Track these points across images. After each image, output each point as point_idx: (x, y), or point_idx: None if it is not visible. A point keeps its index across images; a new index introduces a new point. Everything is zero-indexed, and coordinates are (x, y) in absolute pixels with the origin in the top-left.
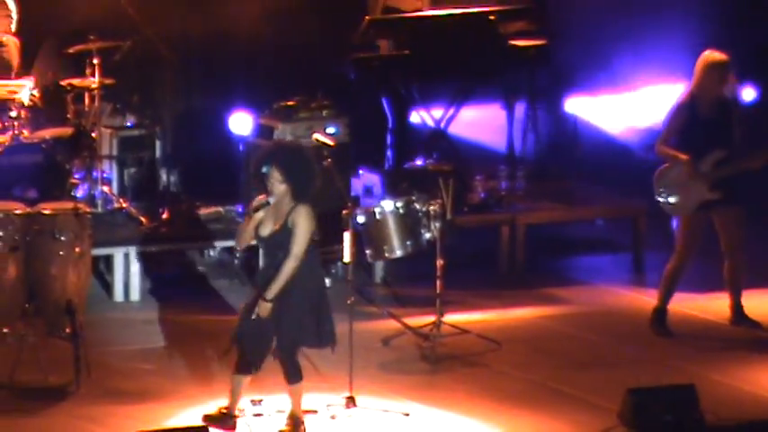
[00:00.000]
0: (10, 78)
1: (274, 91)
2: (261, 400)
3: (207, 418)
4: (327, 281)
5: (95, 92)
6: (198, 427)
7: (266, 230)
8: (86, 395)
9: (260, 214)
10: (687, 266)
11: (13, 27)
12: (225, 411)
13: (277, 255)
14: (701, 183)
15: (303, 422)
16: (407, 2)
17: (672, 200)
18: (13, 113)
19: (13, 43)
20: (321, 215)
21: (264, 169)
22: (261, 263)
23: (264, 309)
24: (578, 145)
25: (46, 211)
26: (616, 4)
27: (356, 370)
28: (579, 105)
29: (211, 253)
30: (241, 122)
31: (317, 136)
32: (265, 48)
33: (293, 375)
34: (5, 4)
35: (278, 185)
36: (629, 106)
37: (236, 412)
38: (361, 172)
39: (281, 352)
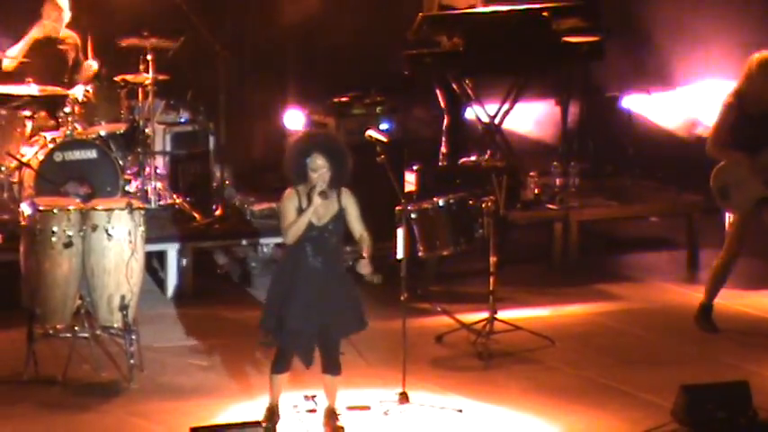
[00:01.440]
0: (66, 74)
1: (328, 87)
2: (314, 396)
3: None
4: (379, 277)
5: (149, 88)
6: (251, 423)
7: (319, 219)
8: (139, 391)
9: (317, 201)
10: (736, 263)
11: (64, 24)
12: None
13: (329, 241)
14: (759, 180)
15: (338, 415)
16: (462, 0)
17: (730, 197)
18: (67, 109)
19: (72, 38)
20: (374, 211)
21: (308, 159)
22: (309, 253)
23: (365, 266)
24: (632, 141)
25: (99, 207)
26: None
27: (409, 366)
28: (633, 101)
29: (264, 249)
30: (295, 118)
31: (370, 132)
32: (320, 43)
33: (338, 366)
34: (57, 4)
35: (325, 173)
36: (684, 102)
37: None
38: (414, 168)
39: (333, 342)
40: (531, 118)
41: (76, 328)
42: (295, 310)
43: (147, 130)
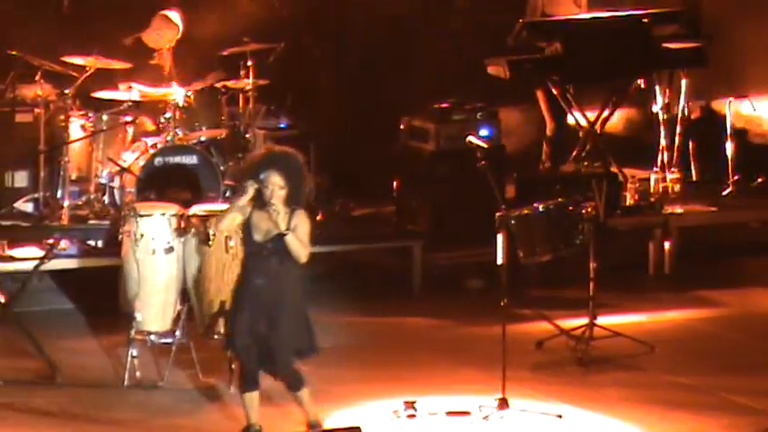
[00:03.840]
0: (163, 83)
1: (428, 92)
2: (414, 402)
3: None
4: (480, 282)
5: (249, 93)
6: (352, 428)
7: (262, 235)
8: (239, 396)
9: (244, 202)
10: None
11: (175, 40)
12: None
13: (269, 260)
14: None
15: (321, 424)
16: (564, 8)
17: None
18: (168, 115)
19: (166, 49)
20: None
21: (262, 175)
22: (250, 269)
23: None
24: (733, 146)
25: (200, 213)
26: None
27: (509, 372)
28: (733, 107)
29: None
30: (394, 124)
31: (471, 138)
32: (420, 49)
33: (297, 383)
34: (170, 20)
35: (278, 191)
36: None
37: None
38: (514, 173)
39: (282, 364)
40: (631, 123)
41: (177, 333)
42: (240, 327)
43: (247, 136)
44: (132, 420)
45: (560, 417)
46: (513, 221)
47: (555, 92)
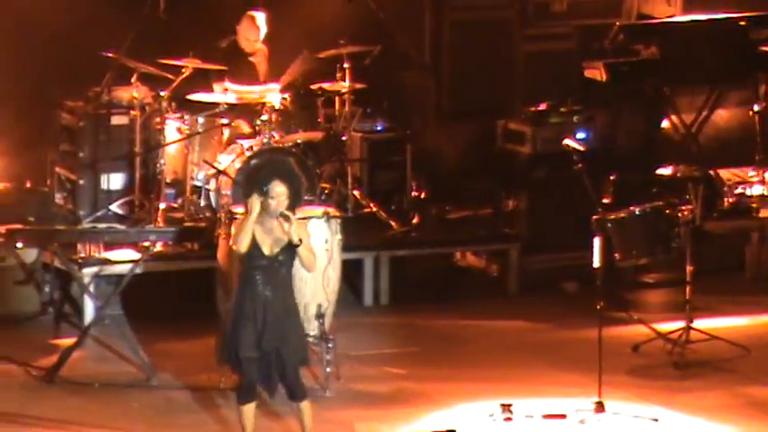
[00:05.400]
0: (259, 85)
1: (525, 95)
2: (510, 405)
3: None
4: (576, 285)
5: (346, 96)
6: (448, 431)
7: (269, 248)
8: (336, 399)
9: (254, 218)
10: None
11: (261, 39)
12: None
13: (279, 271)
14: None
15: None
16: (660, 9)
17: None
18: (264, 117)
19: (261, 51)
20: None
21: (266, 188)
22: (259, 283)
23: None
24: None
25: (297, 216)
26: None
27: (605, 375)
28: None
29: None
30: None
31: (567, 141)
32: (516, 51)
33: (303, 393)
34: (254, 20)
35: (284, 201)
36: None
37: None
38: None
39: (292, 374)
40: (728, 126)
41: None
42: (245, 339)
43: (343, 138)
44: (228, 422)
45: (656, 420)
46: (609, 224)
47: (650, 94)
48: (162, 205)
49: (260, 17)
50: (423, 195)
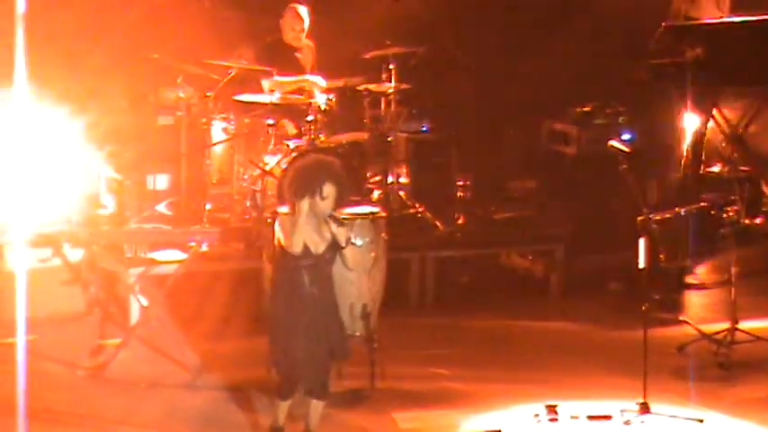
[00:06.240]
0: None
1: (570, 96)
2: (556, 406)
3: None
4: (621, 286)
5: (391, 97)
6: None
7: (315, 246)
8: (381, 399)
9: (303, 219)
10: None
11: (305, 31)
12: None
13: (325, 270)
14: None
15: None
16: (707, 11)
17: None
18: (310, 118)
19: (307, 47)
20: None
21: (321, 189)
22: (306, 282)
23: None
24: None
25: (342, 216)
26: None
27: (650, 376)
28: None
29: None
30: (535, 127)
31: (612, 143)
32: (561, 51)
33: (325, 392)
34: (299, 14)
35: (332, 202)
36: None
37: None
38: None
39: (324, 371)
40: None
41: None
42: (300, 340)
43: (389, 139)
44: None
45: (701, 421)
46: (655, 225)
47: (696, 95)
48: (208, 205)
49: (302, 9)
50: (468, 196)
